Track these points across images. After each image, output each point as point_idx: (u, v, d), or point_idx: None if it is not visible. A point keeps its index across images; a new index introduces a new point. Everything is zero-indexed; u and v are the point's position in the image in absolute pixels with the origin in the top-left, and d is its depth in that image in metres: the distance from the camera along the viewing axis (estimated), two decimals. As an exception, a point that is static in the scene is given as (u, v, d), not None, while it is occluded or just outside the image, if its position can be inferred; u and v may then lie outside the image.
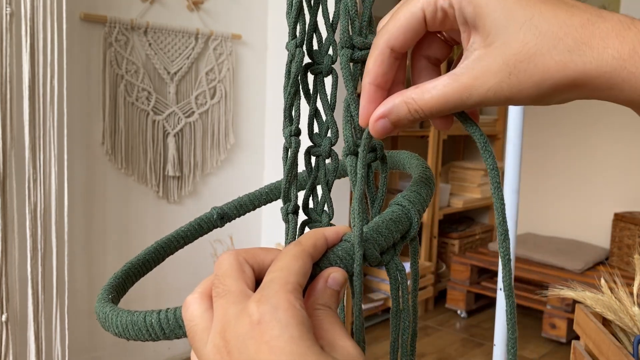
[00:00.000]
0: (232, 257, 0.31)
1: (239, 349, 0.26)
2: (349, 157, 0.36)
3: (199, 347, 0.29)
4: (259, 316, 0.26)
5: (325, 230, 0.33)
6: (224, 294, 0.29)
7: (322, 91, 0.40)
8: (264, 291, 0.28)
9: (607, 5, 3.04)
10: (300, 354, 0.25)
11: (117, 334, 0.35)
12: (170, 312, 0.32)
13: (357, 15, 0.36)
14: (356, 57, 0.37)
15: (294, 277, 0.29)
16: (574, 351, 0.86)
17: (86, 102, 1.94)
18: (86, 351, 2.02)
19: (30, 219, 1.59)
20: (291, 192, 0.41)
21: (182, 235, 0.52)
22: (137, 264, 0.47)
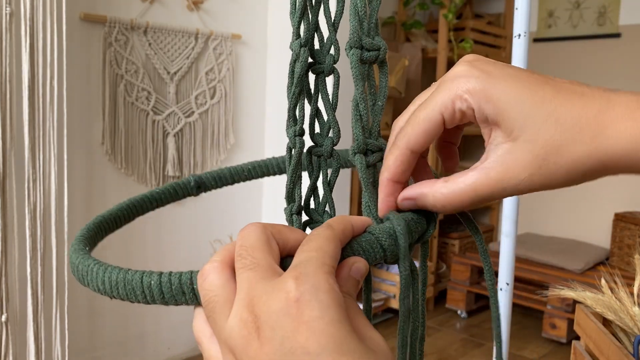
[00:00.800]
0: (260, 229, 0.30)
1: (272, 326, 0.25)
2: (357, 156, 0.37)
3: (218, 320, 0.27)
4: (298, 294, 0.25)
5: (352, 219, 0.32)
6: (252, 266, 0.28)
7: (324, 91, 0.40)
8: (302, 269, 0.27)
9: (607, 5, 3.03)
10: (341, 338, 0.25)
11: (101, 290, 0.33)
12: (175, 277, 0.31)
13: (366, 17, 0.36)
14: (365, 58, 0.37)
15: (330, 259, 0.28)
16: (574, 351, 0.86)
17: (86, 102, 1.93)
18: (86, 351, 2.02)
19: (29, 219, 1.59)
20: (295, 192, 0.40)
21: (156, 197, 0.52)
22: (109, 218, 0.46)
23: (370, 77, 0.37)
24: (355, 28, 0.36)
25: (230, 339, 0.26)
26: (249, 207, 2.49)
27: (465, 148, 3.69)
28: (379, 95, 0.38)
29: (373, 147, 0.37)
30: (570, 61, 3.18)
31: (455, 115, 0.33)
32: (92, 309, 2.02)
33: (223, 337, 0.27)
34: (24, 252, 1.62)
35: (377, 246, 0.32)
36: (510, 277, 1.10)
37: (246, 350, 0.25)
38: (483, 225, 3.46)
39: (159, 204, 0.52)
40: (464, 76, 0.33)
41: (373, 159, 0.37)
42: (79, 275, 0.35)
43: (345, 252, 0.31)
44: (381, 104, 0.37)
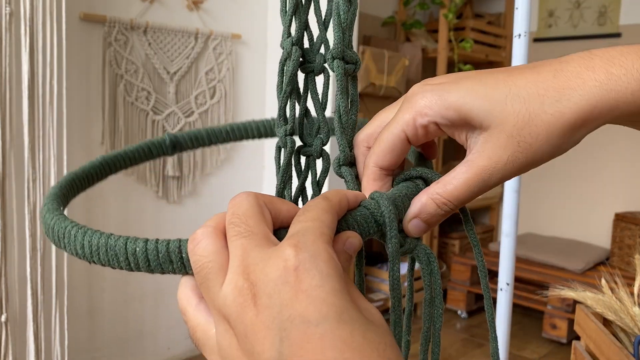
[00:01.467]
0: (252, 197, 0.29)
1: (269, 294, 0.25)
2: (344, 168, 0.37)
3: (212, 287, 0.27)
4: (296, 262, 0.25)
5: (348, 193, 0.32)
6: (246, 234, 0.27)
7: (314, 90, 0.40)
8: (300, 238, 0.26)
9: (608, 5, 3.03)
10: (341, 307, 0.24)
11: (79, 254, 0.32)
12: (162, 244, 0.29)
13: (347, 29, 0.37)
14: (346, 70, 0.37)
15: (327, 229, 0.28)
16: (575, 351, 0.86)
17: (85, 102, 1.93)
18: (86, 351, 2.02)
19: (29, 219, 1.59)
20: (285, 192, 0.40)
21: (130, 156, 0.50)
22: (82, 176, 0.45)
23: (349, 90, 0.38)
24: (339, 39, 0.36)
25: (225, 306, 0.26)
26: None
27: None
28: (351, 109, 0.38)
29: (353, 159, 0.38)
30: (570, 61, 3.17)
31: (418, 131, 0.34)
32: (91, 308, 2.02)
33: (217, 304, 0.26)
34: (23, 252, 1.62)
35: (371, 221, 0.31)
36: (510, 277, 1.10)
37: (241, 318, 0.25)
38: (483, 225, 3.46)
39: (132, 162, 0.51)
40: (419, 93, 0.34)
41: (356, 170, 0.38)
42: (54, 237, 0.34)
43: (340, 226, 0.30)
44: (354, 118, 0.38)
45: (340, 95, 0.36)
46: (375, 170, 0.35)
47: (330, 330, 0.23)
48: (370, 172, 0.35)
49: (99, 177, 0.46)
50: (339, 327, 0.23)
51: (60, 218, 0.34)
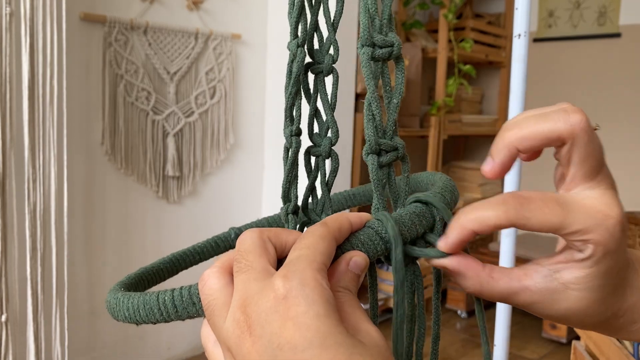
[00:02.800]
0: (256, 234, 0.30)
1: (262, 324, 0.26)
2: (370, 156, 0.36)
3: (217, 322, 0.29)
4: (285, 291, 0.26)
5: (350, 215, 0.32)
6: (246, 269, 0.29)
7: (323, 91, 0.40)
8: (291, 267, 0.27)
9: (608, 5, 3.03)
10: (326, 332, 0.25)
11: (127, 317, 0.35)
12: (185, 289, 0.32)
13: (377, 13, 0.36)
14: (377, 55, 0.36)
15: (320, 256, 0.29)
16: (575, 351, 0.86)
17: (86, 102, 1.93)
18: (86, 351, 2.02)
19: (29, 219, 1.59)
20: (291, 192, 0.40)
21: (198, 251, 0.53)
22: (152, 271, 0.47)
23: (384, 75, 0.36)
24: (365, 25, 0.35)
25: (227, 339, 0.27)
26: (248, 207, 2.49)
27: (465, 148, 3.69)
28: (394, 93, 0.37)
29: (387, 147, 0.36)
30: (570, 61, 3.18)
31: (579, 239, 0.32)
32: (92, 309, 2.02)
33: (222, 337, 0.28)
34: (24, 252, 1.62)
35: (376, 239, 0.31)
36: (510, 277, 1.10)
37: (240, 348, 0.27)
38: (483, 225, 3.46)
39: (201, 258, 0.53)
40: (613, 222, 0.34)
41: (387, 159, 0.36)
42: (111, 310, 0.37)
43: (344, 247, 0.31)
44: (397, 102, 0.37)
45: (368, 82, 0.35)
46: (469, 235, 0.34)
47: (315, 355, 0.24)
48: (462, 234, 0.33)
49: (169, 273, 0.50)
50: (322, 352, 0.24)
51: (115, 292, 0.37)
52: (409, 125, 2.92)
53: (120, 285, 0.41)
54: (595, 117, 3.08)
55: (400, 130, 2.80)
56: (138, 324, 0.34)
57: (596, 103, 3.09)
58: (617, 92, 3.02)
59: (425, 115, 2.98)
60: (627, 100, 2.98)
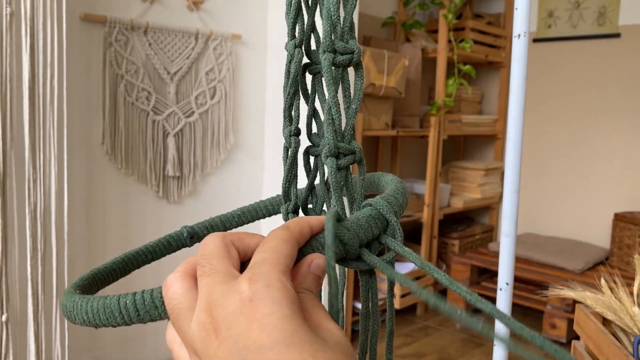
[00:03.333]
0: (219, 238, 0.31)
1: (228, 326, 0.26)
2: (329, 159, 0.37)
3: (182, 326, 0.29)
4: (250, 293, 0.27)
5: (311, 219, 0.33)
6: (210, 273, 0.29)
7: (320, 91, 0.41)
8: (255, 269, 0.28)
9: (607, 5, 3.04)
10: (291, 332, 0.26)
11: (86, 321, 0.34)
12: (147, 293, 0.32)
13: (339, 20, 0.37)
14: (338, 62, 0.37)
15: (284, 259, 0.29)
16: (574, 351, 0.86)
17: (86, 102, 1.94)
18: (86, 351, 2.02)
19: (30, 219, 1.59)
20: (291, 191, 0.41)
21: (150, 250, 0.53)
22: (104, 271, 0.47)
23: (344, 81, 0.38)
24: (327, 32, 0.37)
25: (193, 341, 0.28)
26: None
27: (465, 148, 3.69)
28: (353, 99, 0.38)
29: (345, 151, 0.38)
30: (570, 61, 3.18)
31: None
32: (92, 309, 2.02)
33: (188, 341, 0.29)
34: (24, 252, 1.62)
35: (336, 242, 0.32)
36: (510, 277, 1.10)
37: (206, 351, 0.27)
38: (483, 225, 3.46)
39: (153, 257, 0.53)
40: None
41: (345, 162, 0.38)
42: (67, 313, 0.36)
43: (305, 250, 0.32)
44: (355, 107, 0.38)
45: (328, 87, 0.37)
46: None
47: (281, 354, 0.25)
48: None
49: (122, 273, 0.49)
50: (288, 350, 0.25)
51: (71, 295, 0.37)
52: (409, 125, 2.92)
53: (74, 287, 0.41)
54: (595, 117, 3.09)
55: (400, 130, 2.80)
56: (97, 327, 0.34)
57: (595, 103, 3.09)
58: (617, 92, 3.02)
59: (425, 115, 2.98)
60: (627, 100, 2.99)
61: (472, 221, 3.52)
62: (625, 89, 2.99)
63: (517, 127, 1.09)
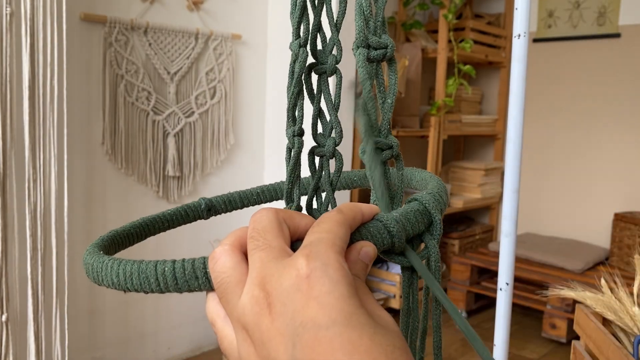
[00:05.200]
0: (272, 213, 0.31)
1: (283, 302, 0.26)
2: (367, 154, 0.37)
3: (230, 300, 0.29)
4: (308, 271, 0.26)
5: (362, 206, 0.33)
6: (264, 247, 0.29)
7: (326, 91, 0.40)
8: (312, 248, 0.28)
9: (607, 5, 3.04)
10: (350, 313, 0.25)
11: (115, 284, 0.34)
12: (188, 262, 0.31)
13: (372, 15, 0.37)
14: (372, 57, 0.37)
15: (339, 241, 0.29)
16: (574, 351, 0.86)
17: (86, 102, 1.94)
18: (86, 351, 2.02)
19: (30, 219, 1.59)
20: (294, 192, 0.41)
21: (168, 218, 0.52)
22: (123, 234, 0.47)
23: (378, 76, 0.37)
24: (361, 27, 0.36)
25: (243, 315, 0.27)
26: (249, 208, 2.49)
27: (465, 148, 3.69)
28: (388, 93, 0.38)
29: (383, 145, 0.37)
30: (570, 61, 3.18)
31: None
32: (92, 309, 2.02)
33: (236, 315, 0.28)
34: (24, 252, 1.62)
35: (384, 232, 0.32)
36: (510, 277, 1.10)
37: (258, 326, 0.26)
38: (483, 225, 3.46)
39: (170, 225, 0.53)
40: None
41: (383, 157, 0.37)
42: (93, 274, 0.36)
43: (354, 237, 0.32)
44: (391, 102, 0.38)
45: (363, 82, 0.36)
46: None
47: (339, 334, 0.24)
48: None
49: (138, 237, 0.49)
50: (347, 331, 0.24)
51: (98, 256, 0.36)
52: (409, 125, 2.92)
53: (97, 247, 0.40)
54: (595, 117, 3.09)
55: (400, 130, 2.80)
56: (126, 292, 0.34)
57: (595, 103, 3.09)
58: (617, 92, 3.02)
59: (425, 115, 2.98)
60: (627, 100, 2.99)
61: (472, 221, 3.52)
62: (625, 89, 2.99)
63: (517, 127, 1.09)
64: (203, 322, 2.38)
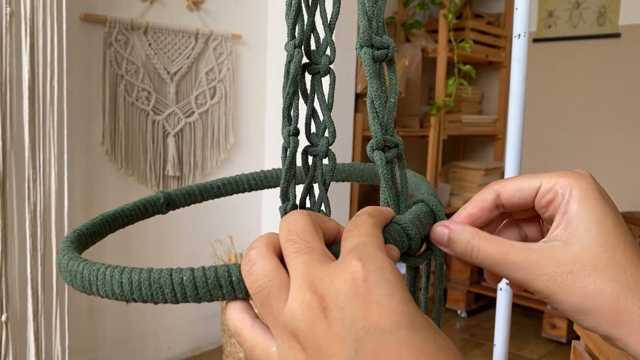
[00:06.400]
0: (306, 215, 0.30)
1: (340, 306, 0.25)
2: (376, 152, 0.37)
3: (275, 305, 0.27)
4: (364, 273, 0.25)
5: (383, 209, 0.33)
6: (306, 250, 0.28)
7: (320, 91, 0.41)
8: (363, 251, 0.27)
9: (607, 5, 3.04)
10: (412, 315, 0.25)
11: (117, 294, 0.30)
12: (210, 270, 0.29)
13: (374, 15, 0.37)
14: (376, 56, 0.37)
15: (382, 243, 0.29)
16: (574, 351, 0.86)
17: (86, 102, 1.94)
18: (86, 351, 2.02)
19: (30, 219, 1.59)
20: (290, 191, 0.41)
21: (126, 214, 0.50)
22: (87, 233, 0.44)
23: (381, 76, 0.38)
24: (365, 27, 0.37)
25: (293, 320, 0.26)
26: (249, 207, 2.49)
27: (465, 148, 3.69)
28: (390, 93, 0.38)
29: (390, 143, 0.38)
30: (570, 61, 3.18)
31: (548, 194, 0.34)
32: (92, 308, 2.02)
33: (282, 321, 0.27)
34: (24, 252, 1.62)
35: (403, 235, 0.33)
36: (510, 277, 1.10)
37: (313, 331, 0.25)
38: (483, 225, 3.46)
39: (129, 221, 0.51)
40: (583, 174, 0.34)
41: (391, 154, 0.37)
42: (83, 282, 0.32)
43: None
44: (393, 101, 0.38)
45: (370, 80, 0.36)
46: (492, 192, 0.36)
47: (405, 338, 0.24)
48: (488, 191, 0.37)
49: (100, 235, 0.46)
50: (412, 335, 0.24)
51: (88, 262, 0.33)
52: (409, 125, 2.92)
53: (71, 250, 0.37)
54: (595, 117, 3.09)
55: (401, 130, 2.80)
56: (129, 302, 0.31)
57: (595, 103, 3.09)
58: (617, 92, 3.02)
59: (425, 115, 2.98)
60: (627, 100, 2.99)
61: (472, 221, 3.52)
62: (625, 89, 2.99)
63: (517, 127, 1.09)
64: (203, 322, 2.38)
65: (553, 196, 0.34)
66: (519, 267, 0.33)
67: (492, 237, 0.34)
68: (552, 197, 0.34)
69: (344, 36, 2.22)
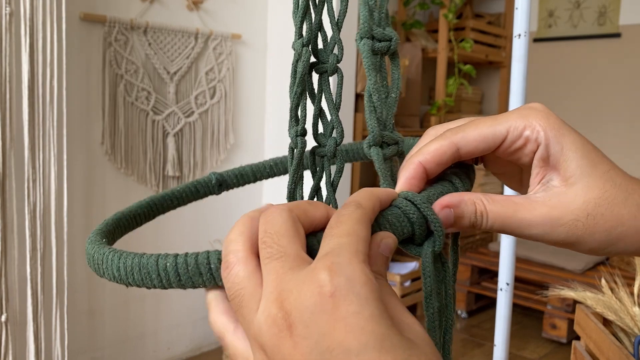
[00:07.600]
0: (286, 213, 0.27)
1: (305, 323, 0.23)
2: (373, 149, 0.36)
3: (246, 315, 0.26)
4: (332, 288, 0.23)
5: (379, 192, 0.30)
6: (278, 255, 0.26)
7: (327, 90, 0.40)
8: (334, 259, 0.25)
9: (608, 5, 3.04)
10: (382, 335, 0.23)
11: (117, 277, 0.32)
12: (191, 257, 0.29)
13: (376, 7, 0.36)
14: (376, 48, 0.36)
15: (363, 245, 0.26)
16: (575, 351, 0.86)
17: (86, 102, 1.93)
18: (86, 351, 2.02)
19: (29, 219, 1.59)
20: (297, 192, 0.40)
21: (177, 196, 0.50)
22: (129, 215, 0.44)
23: (382, 69, 0.36)
24: (365, 18, 0.35)
25: (260, 335, 0.25)
26: (249, 206, 2.49)
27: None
28: (392, 88, 0.37)
29: (389, 140, 0.36)
30: (570, 61, 3.18)
31: (518, 141, 0.33)
32: (92, 309, 2.02)
33: (252, 333, 0.26)
34: (23, 252, 1.62)
35: (404, 220, 0.30)
36: (510, 277, 1.10)
37: (278, 349, 0.24)
38: (483, 225, 3.46)
39: (180, 203, 0.50)
40: (544, 111, 0.33)
41: (389, 151, 0.36)
42: (94, 266, 0.34)
43: (372, 228, 0.29)
44: (395, 96, 0.36)
45: (369, 73, 0.35)
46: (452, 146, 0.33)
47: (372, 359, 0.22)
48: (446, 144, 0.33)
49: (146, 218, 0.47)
50: (380, 356, 0.23)
51: (99, 246, 0.34)
52: (409, 125, 2.92)
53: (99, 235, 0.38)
54: (595, 117, 3.09)
55: (400, 130, 2.80)
56: (128, 286, 0.32)
57: (596, 103, 3.09)
58: (617, 92, 3.02)
59: (425, 115, 2.98)
60: (627, 100, 2.99)
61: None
62: (625, 89, 2.99)
63: (517, 127, 1.09)
64: (203, 322, 2.37)
65: (524, 142, 0.33)
66: (533, 224, 0.32)
67: (493, 198, 0.33)
68: (522, 144, 0.33)
69: (343, 35, 2.22)
